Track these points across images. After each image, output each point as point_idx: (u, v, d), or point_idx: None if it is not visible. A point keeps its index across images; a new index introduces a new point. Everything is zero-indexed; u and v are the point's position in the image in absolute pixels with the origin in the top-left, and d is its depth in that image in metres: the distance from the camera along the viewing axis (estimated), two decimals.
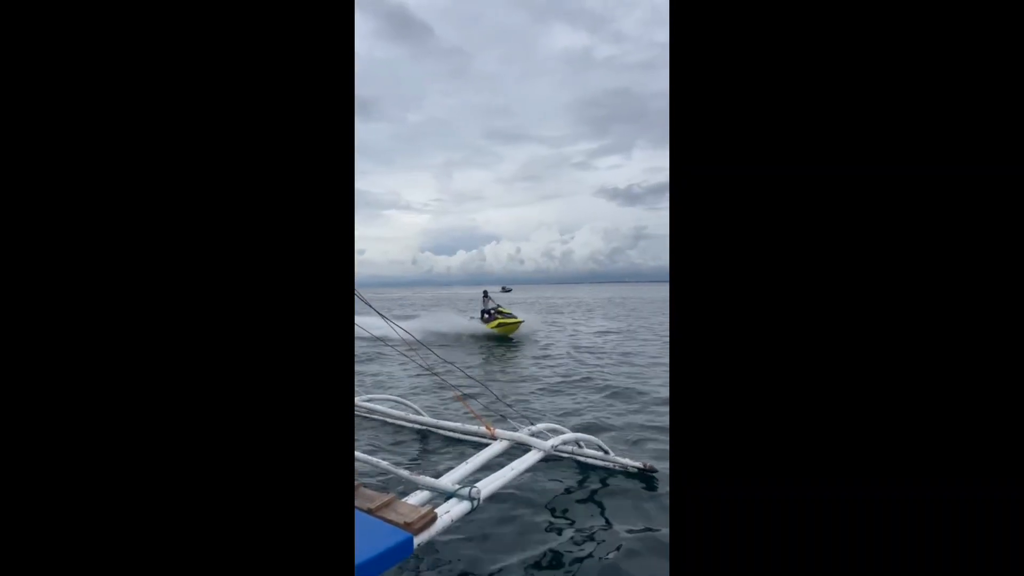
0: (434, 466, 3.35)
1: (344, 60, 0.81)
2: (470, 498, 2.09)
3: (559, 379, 6.77)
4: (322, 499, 0.80)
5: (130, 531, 0.74)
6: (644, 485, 3.09)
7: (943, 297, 0.72)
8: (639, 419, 4.63)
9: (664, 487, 3.05)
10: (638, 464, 3.26)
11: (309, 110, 0.81)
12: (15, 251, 0.73)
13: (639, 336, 12.09)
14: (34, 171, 0.74)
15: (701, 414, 0.77)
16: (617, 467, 3.27)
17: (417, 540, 1.76)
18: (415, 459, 3.60)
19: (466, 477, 2.34)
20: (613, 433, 4.15)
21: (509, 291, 61.52)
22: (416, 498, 2.09)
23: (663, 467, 3.28)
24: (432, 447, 3.83)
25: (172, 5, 0.77)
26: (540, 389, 6.13)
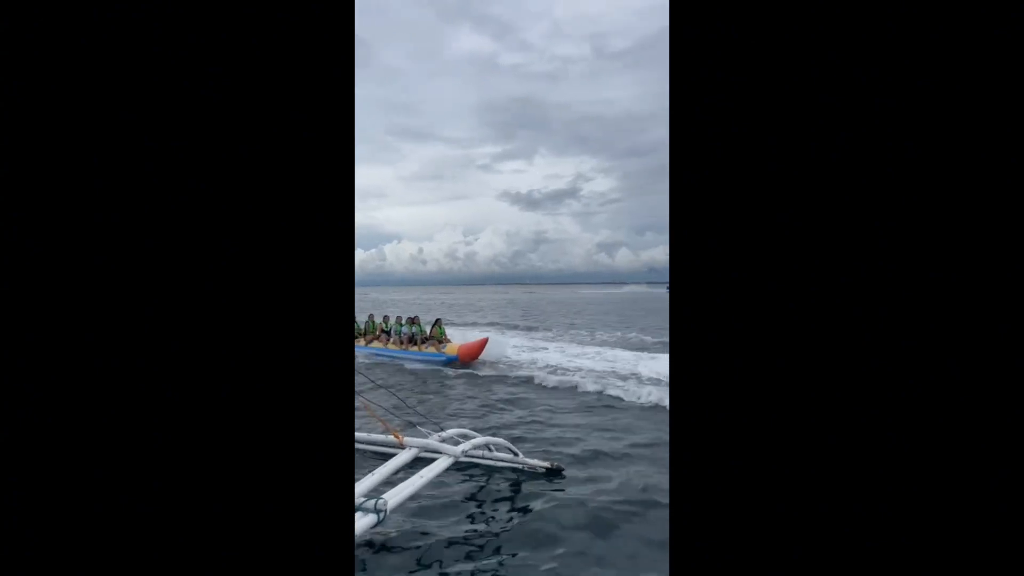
0: None
1: (344, 59, 0.80)
2: (376, 511, 1.99)
3: None
4: (321, 500, 0.80)
5: (127, 530, 0.75)
6: (552, 484, 3.13)
7: (942, 296, 0.72)
8: None
9: (572, 484, 3.12)
10: (546, 464, 3.30)
11: (309, 110, 0.80)
12: (15, 250, 0.74)
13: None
14: (33, 168, 0.75)
15: (701, 414, 0.76)
16: (526, 468, 3.28)
17: None
18: None
19: (372, 489, 2.20)
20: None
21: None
22: None
23: (569, 465, 3.36)
24: None
25: (175, 5, 0.77)
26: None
